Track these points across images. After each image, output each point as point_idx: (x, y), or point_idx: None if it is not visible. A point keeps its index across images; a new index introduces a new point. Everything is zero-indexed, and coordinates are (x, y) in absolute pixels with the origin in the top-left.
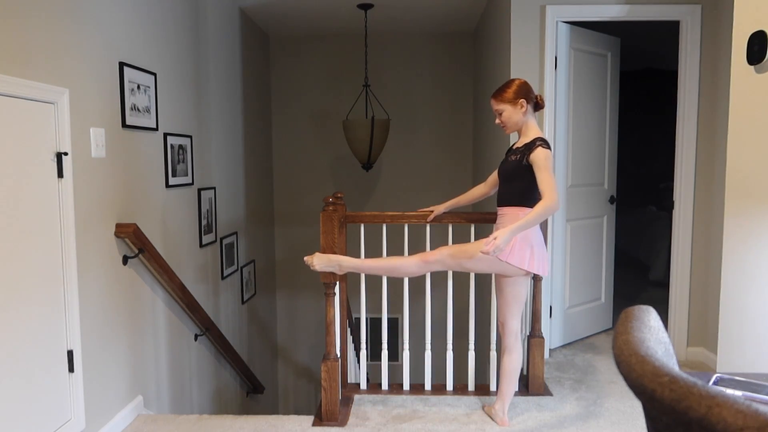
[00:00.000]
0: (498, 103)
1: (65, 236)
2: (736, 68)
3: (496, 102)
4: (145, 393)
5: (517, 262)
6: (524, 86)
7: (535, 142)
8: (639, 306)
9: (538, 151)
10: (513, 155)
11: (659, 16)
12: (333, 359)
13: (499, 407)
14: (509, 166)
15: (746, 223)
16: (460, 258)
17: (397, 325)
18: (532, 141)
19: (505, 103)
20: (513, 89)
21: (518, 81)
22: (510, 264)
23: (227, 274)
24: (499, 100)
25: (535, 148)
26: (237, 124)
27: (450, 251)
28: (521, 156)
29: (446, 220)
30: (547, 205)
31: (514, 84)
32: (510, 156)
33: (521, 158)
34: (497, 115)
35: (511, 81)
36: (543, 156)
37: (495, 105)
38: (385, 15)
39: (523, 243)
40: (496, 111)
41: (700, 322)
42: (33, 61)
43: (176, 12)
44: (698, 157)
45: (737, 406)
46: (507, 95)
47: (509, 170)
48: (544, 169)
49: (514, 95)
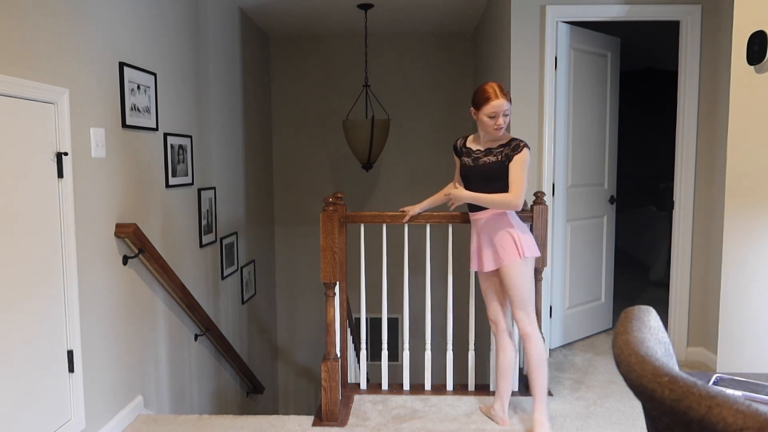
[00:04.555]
0: (507, 102)
1: (65, 236)
2: (736, 68)
3: (507, 101)
4: (145, 393)
5: (510, 257)
6: None
7: (519, 143)
8: (639, 306)
9: (524, 152)
10: (489, 156)
11: (659, 16)
12: (333, 359)
13: (499, 406)
14: (489, 167)
15: (746, 223)
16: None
17: (397, 325)
18: (511, 141)
19: (510, 104)
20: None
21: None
22: (508, 263)
23: (227, 274)
24: (508, 100)
25: (521, 150)
26: (237, 124)
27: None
28: (503, 157)
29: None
30: (509, 200)
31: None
32: (484, 157)
33: (504, 159)
34: (502, 116)
35: (499, 83)
36: (525, 157)
37: (506, 105)
38: (385, 15)
39: (503, 240)
40: (503, 111)
41: (700, 322)
42: (33, 61)
43: (176, 12)
44: (698, 157)
45: (737, 406)
46: (509, 96)
47: (489, 171)
48: (520, 169)
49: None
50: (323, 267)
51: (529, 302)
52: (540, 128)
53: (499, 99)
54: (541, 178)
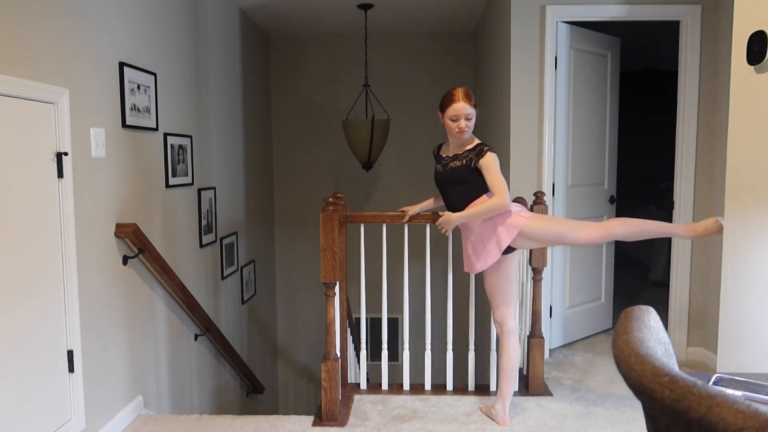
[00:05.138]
0: (471, 107)
1: (65, 236)
2: (736, 68)
3: (470, 105)
4: (145, 393)
5: (494, 255)
6: None
7: (483, 148)
8: (639, 306)
9: (488, 156)
10: (455, 161)
11: (659, 16)
12: (333, 359)
13: (499, 407)
14: (456, 171)
15: (746, 223)
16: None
17: (397, 325)
18: (476, 146)
19: (475, 108)
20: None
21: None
22: (503, 255)
23: (227, 274)
24: (472, 105)
25: (485, 153)
26: (237, 124)
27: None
28: (468, 161)
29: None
30: (497, 203)
31: (471, 92)
32: (451, 163)
33: (469, 162)
34: (464, 119)
35: (467, 88)
36: (492, 159)
37: (468, 108)
38: (385, 15)
39: (488, 241)
40: (466, 115)
41: (700, 322)
42: (33, 61)
43: (176, 12)
44: (698, 157)
45: (737, 406)
46: (474, 101)
47: (457, 174)
48: (494, 172)
49: (476, 103)
50: (323, 267)
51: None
52: (540, 128)
53: (461, 102)
54: (541, 178)
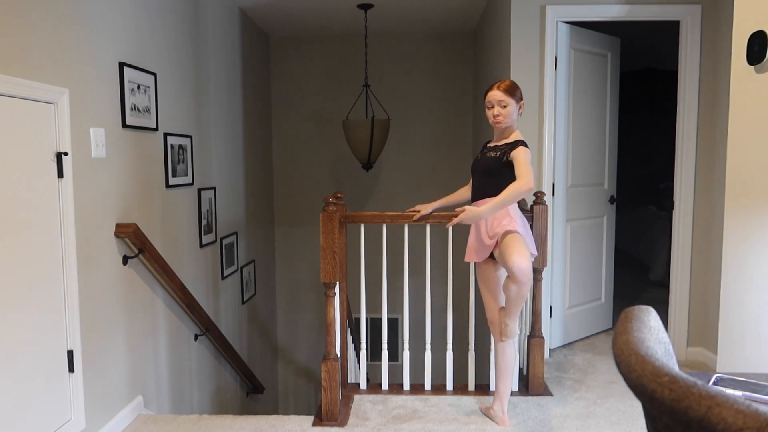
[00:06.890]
0: (506, 96)
1: (65, 236)
2: (736, 68)
3: (505, 94)
4: (145, 393)
5: (505, 228)
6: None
7: (518, 142)
8: (639, 306)
9: (520, 149)
10: (492, 152)
11: (659, 16)
12: (333, 359)
13: (498, 407)
14: (488, 162)
15: (746, 223)
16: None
17: (397, 325)
18: (514, 142)
19: (512, 98)
20: (519, 90)
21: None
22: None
23: (227, 274)
24: (508, 94)
25: (518, 147)
26: (237, 124)
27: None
28: (501, 153)
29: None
30: (520, 184)
31: (517, 85)
32: (488, 153)
33: (501, 155)
34: (498, 106)
35: (513, 81)
36: (524, 151)
37: (502, 96)
38: (385, 15)
39: (500, 219)
40: (499, 102)
41: (700, 322)
42: (33, 61)
43: (176, 12)
44: (698, 157)
45: (737, 406)
46: (516, 92)
47: (488, 165)
48: (522, 162)
49: (520, 95)
50: (323, 267)
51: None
52: (540, 128)
53: (494, 91)
54: (541, 178)
